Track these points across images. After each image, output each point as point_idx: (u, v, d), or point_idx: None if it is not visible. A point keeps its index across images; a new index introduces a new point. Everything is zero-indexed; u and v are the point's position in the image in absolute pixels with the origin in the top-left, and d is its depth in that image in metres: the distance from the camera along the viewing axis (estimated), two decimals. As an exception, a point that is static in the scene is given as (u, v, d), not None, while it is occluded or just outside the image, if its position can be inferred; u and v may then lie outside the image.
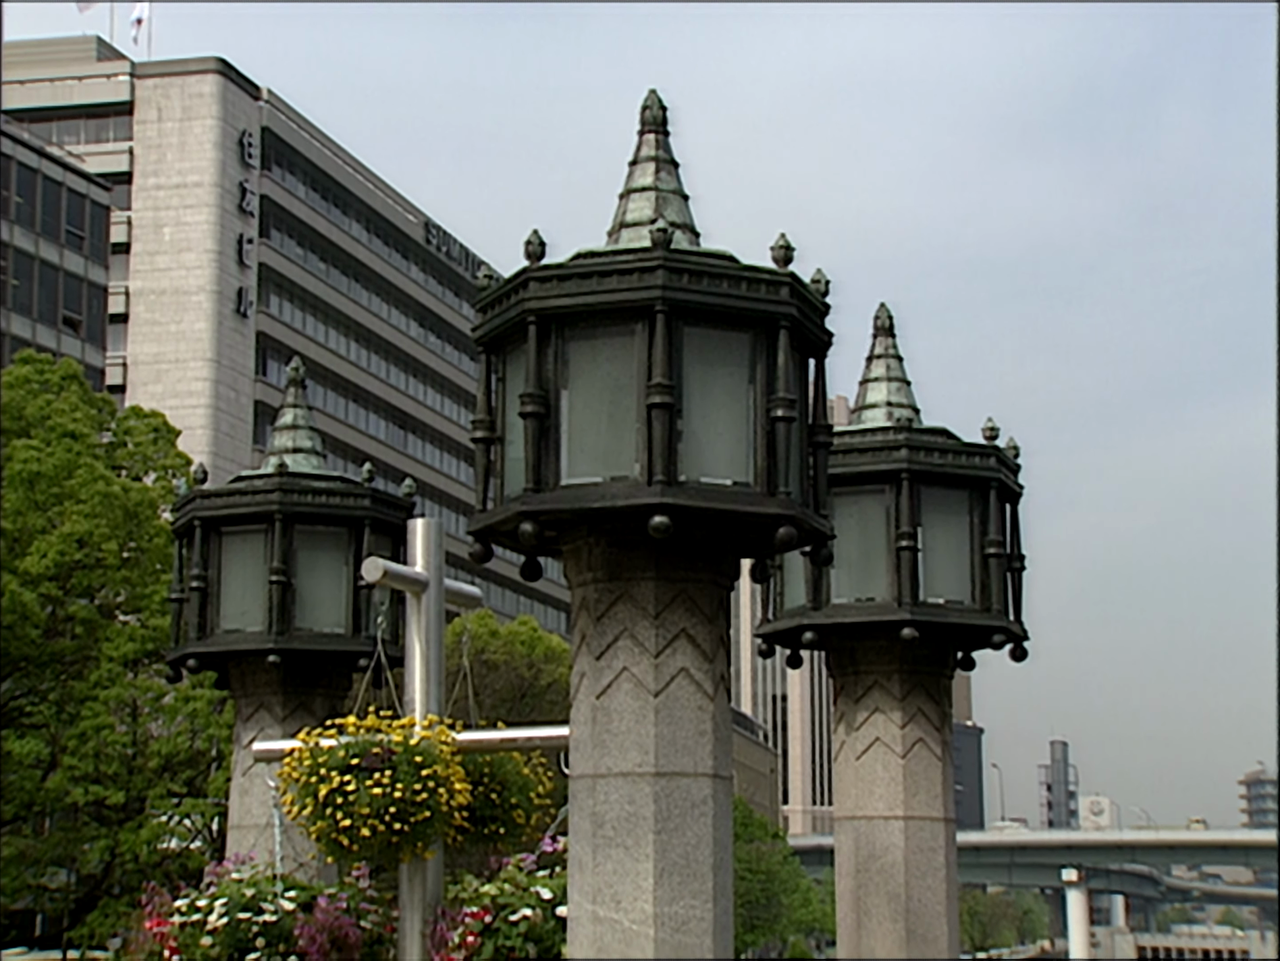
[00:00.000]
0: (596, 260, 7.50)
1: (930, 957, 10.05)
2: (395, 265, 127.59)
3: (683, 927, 7.46)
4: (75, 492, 42.98)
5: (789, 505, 7.46)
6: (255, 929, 9.59)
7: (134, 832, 44.36)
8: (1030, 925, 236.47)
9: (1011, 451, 10.31)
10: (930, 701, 10.26)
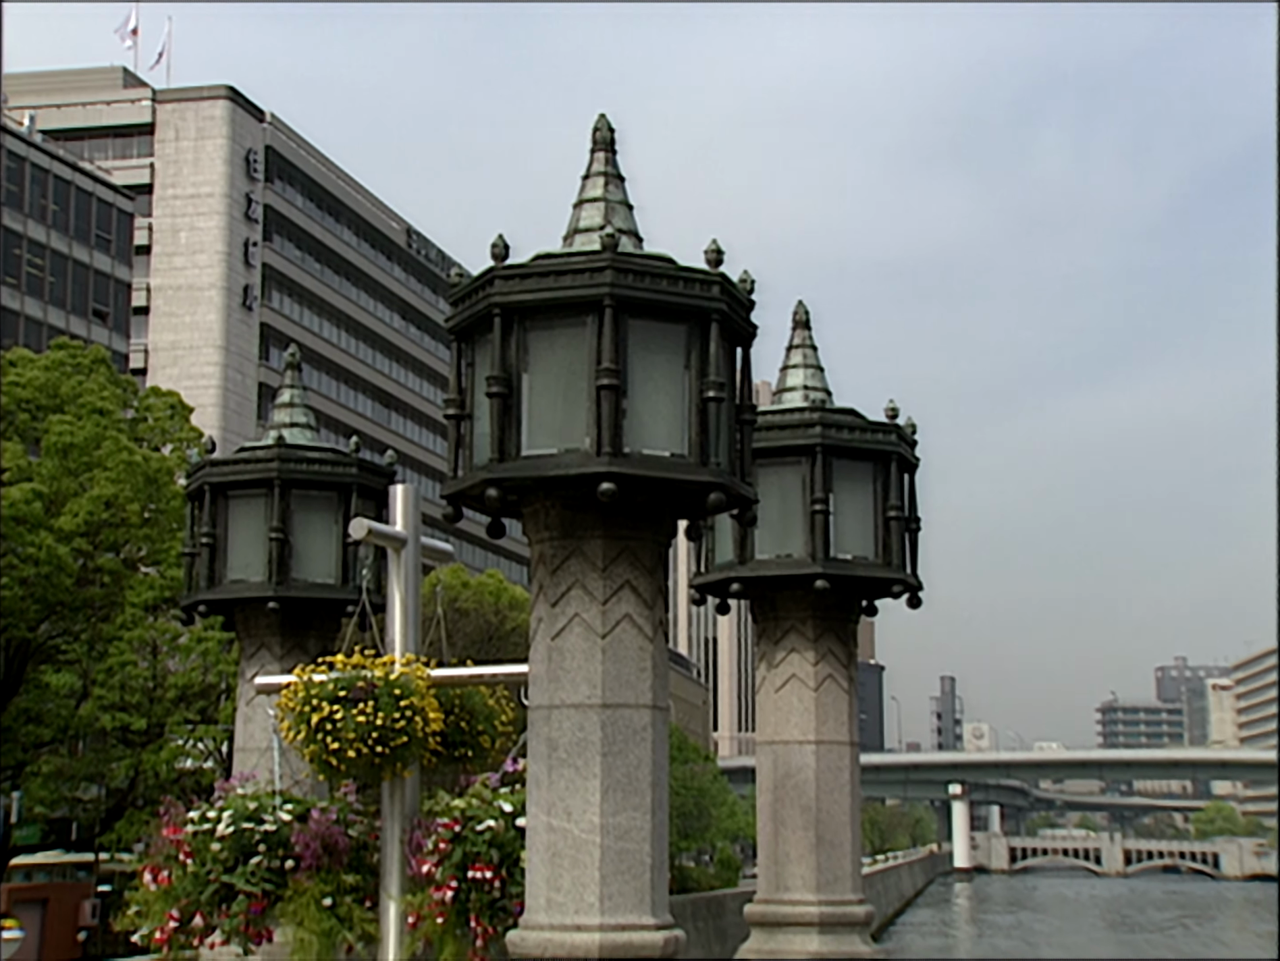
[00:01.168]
0: (553, 261, 7.49)
1: (836, 859, 10.06)
2: (380, 266, 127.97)
3: (625, 835, 7.49)
4: (103, 461, 42.86)
5: (719, 474, 7.49)
6: (257, 836, 9.53)
7: (154, 754, 44.47)
8: (921, 831, 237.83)
9: (909, 429, 10.30)
10: (839, 643, 10.26)
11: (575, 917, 7.42)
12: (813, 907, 9.95)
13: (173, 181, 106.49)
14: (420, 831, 9.13)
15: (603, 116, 8.21)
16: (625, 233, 7.72)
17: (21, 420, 44.35)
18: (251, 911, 9.49)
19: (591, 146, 8.14)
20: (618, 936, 7.38)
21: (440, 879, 8.84)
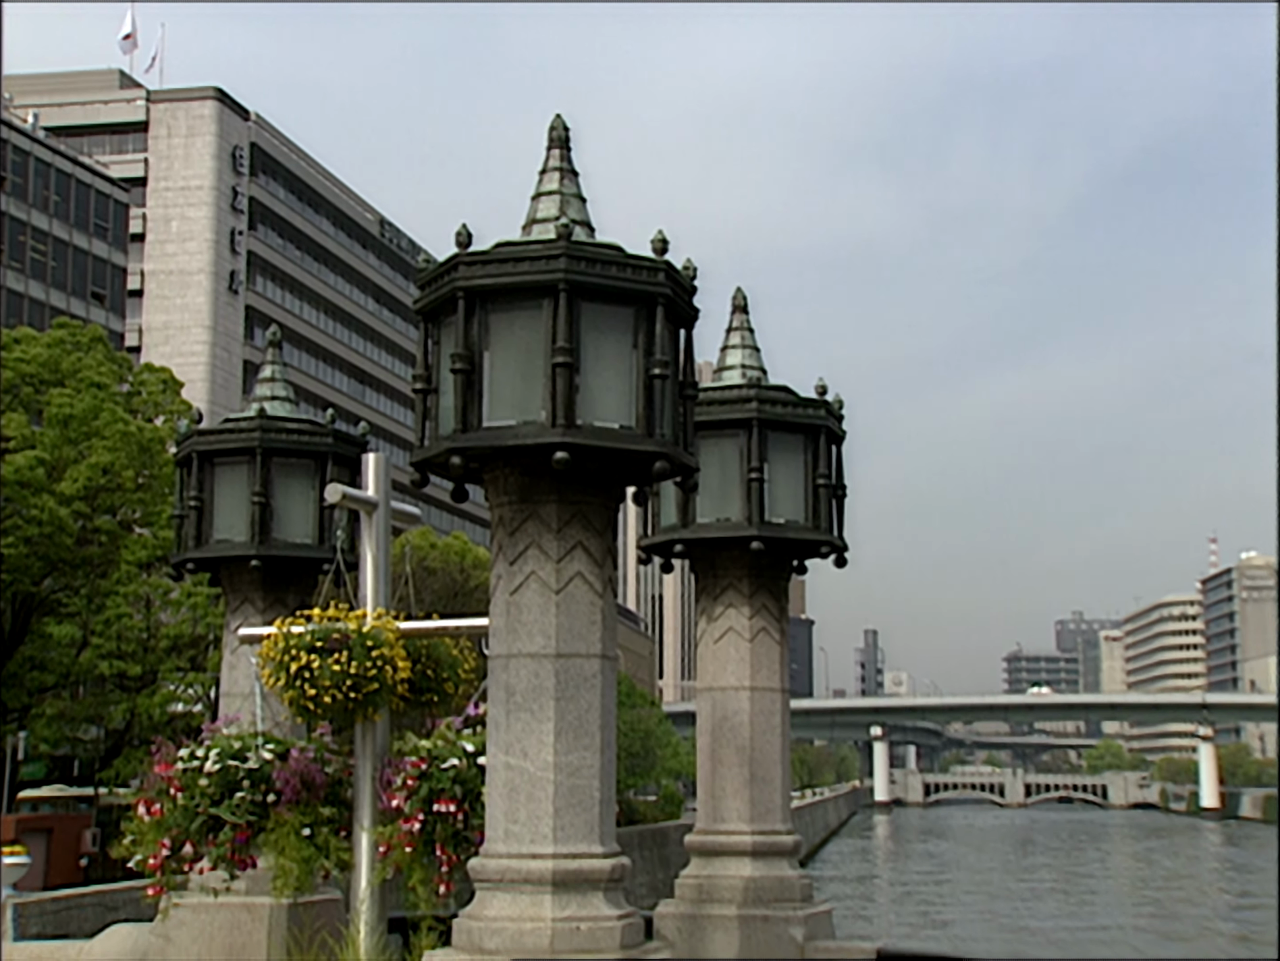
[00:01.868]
0: (512, 249, 7.47)
1: (767, 794, 10.08)
2: (356, 254, 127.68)
3: (576, 773, 7.49)
4: (100, 431, 42.88)
5: (663, 444, 7.47)
6: (241, 773, 9.53)
7: (148, 698, 44.60)
8: (846, 769, 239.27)
9: (837, 404, 10.29)
10: (772, 599, 10.26)
11: (531, 847, 7.43)
12: (746, 837, 9.98)
13: (165, 175, 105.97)
14: (390, 769, 9.11)
15: (558, 116, 8.17)
16: (578, 223, 7.70)
17: (25, 393, 44.33)
18: (237, 840, 9.50)
19: (548, 144, 8.10)
20: (569, 863, 7.40)
21: (408, 812, 8.84)
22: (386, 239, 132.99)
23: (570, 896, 7.38)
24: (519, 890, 7.39)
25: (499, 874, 7.46)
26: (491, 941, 7.33)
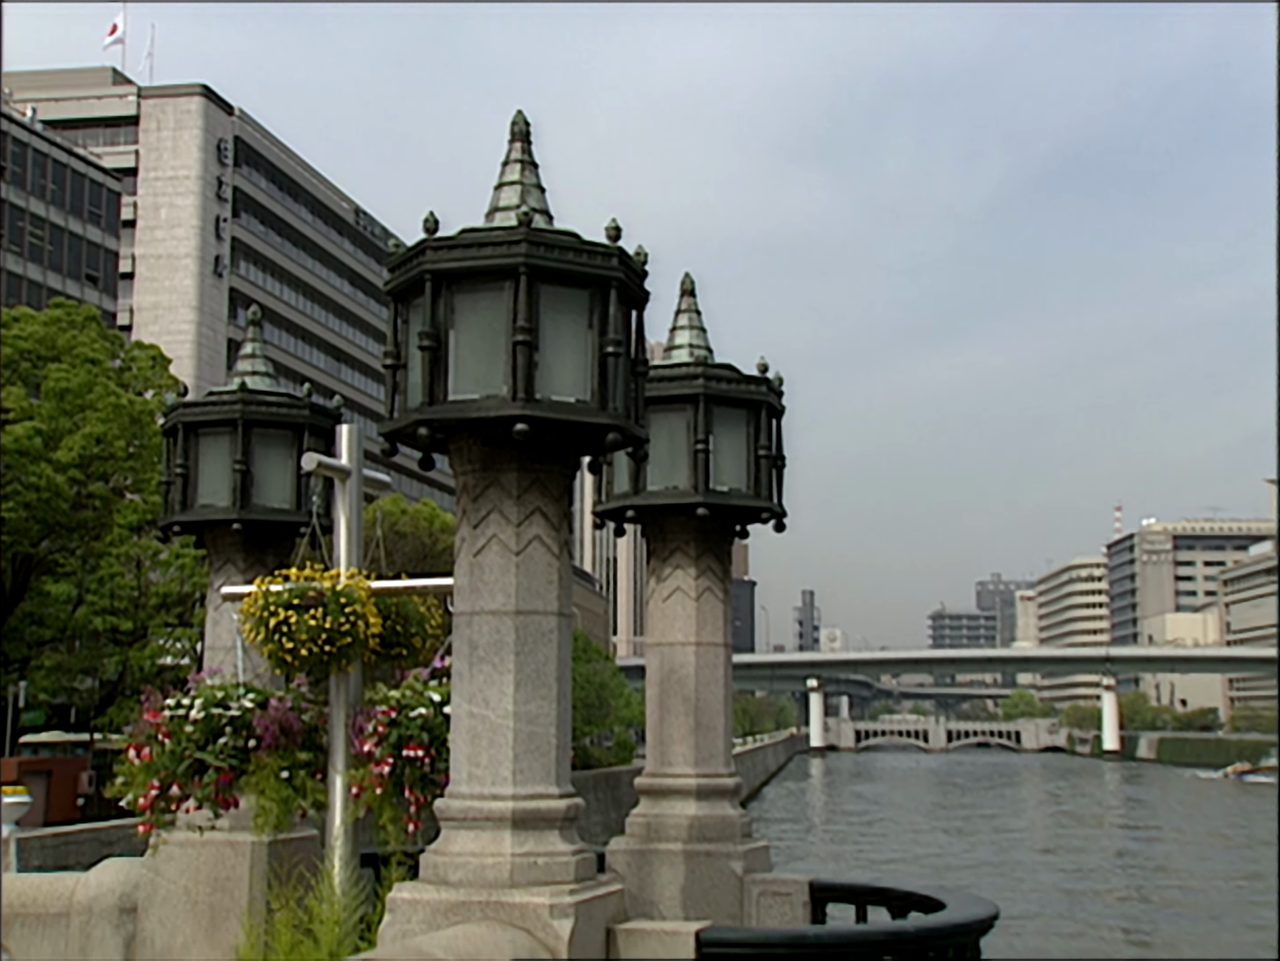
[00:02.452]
0: (476, 235, 7.41)
1: (711, 740, 10.07)
2: (332, 240, 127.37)
3: (534, 721, 7.48)
4: (94, 404, 42.80)
5: (616, 417, 7.45)
6: (224, 720, 9.48)
7: (139, 651, 44.71)
8: (784, 718, 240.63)
9: (777, 381, 10.25)
10: (716, 561, 10.24)
11: (492, 788, 7.43)
12: (691, 779, 9.97)
13: (154, 165, 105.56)
14: (362, 717, 9.08)
15: (519, 112, 8.12)
16: (538, 211, 7.66)
17: (24, 368, 44.22)
18: (220, 782, 9.47)
19: (509, 137, 8.05)
20: (527, 804, 7.40)
21: (379, 756, 8.82)
22: (361, 226, 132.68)
23: (528, 834, 7.39)
24: (481, 828, 7.40)
25: (463, 813, 7.45)
26: (455, 875, 7.34)
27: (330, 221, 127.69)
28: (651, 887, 9.73)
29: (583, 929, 7.27)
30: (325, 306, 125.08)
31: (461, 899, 7.24)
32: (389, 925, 7.33)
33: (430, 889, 7.37)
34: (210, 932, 10.22)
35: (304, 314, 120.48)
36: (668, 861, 9.78)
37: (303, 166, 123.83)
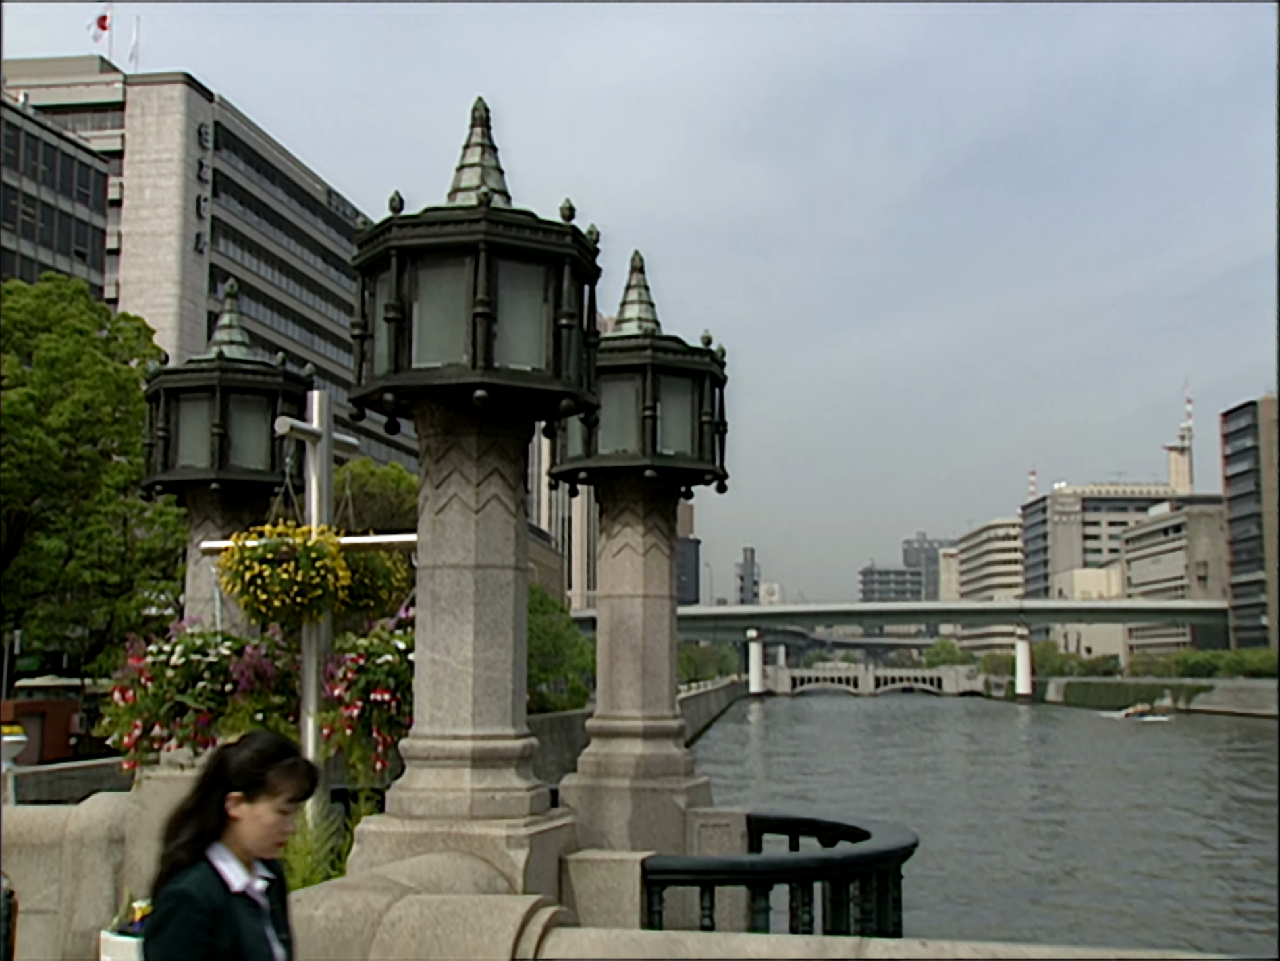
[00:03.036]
0: (439, 213, 7.34)
1: (657, 685, 10.07)
2: (306, 219, 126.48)
3: (492, 667, 7.46)
4: (82, 372, 42.51)
5: (569, 385, 7.40)
6: (203, 665, 9.45)
7: (126, 602, 44.62)
8: (726, 665, 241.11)
9: (720, 353, 10.20)
10: (662, 520, 10.21)
11: (453, 729, 7.41)
12: (638, 722, 9.97)
13: (139, 148, 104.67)
14: (332, 663, 9.03)
15: (480, 99, 8.06)
16: (497, 192, 7.59)
17: (17, 338, 43.94)
18: (199, 723, 9.44)
19: (470, 123, 7.98)
20: (485, 743, 7.39)
21: (348, 700, 8.78)
22: (333, 206, 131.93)
23: (486, 771, 7.38)
24: (443, 765, 7.39)
25: (426, 752, 7.44)
26: (419, 808, 7.34)
27: (304, 202, 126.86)
28: (601, 820, 9.73)
29: (536, 858, 7.28)
30: (299, 281, 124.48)
31: (424, 831, 7.24)
32: (357, 854, 7.34)
33: (396, 821, 7.36)
34: (192, 862, 10.17)
35: (279, 288, 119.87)
36: (616, 796, 9.78)
37: (278, 150, 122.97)
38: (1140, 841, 47.33)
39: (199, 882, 4.25)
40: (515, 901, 5.80)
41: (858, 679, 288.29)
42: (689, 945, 5.53)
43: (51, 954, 10.43)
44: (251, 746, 4.46)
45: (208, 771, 4.44)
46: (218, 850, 4.37)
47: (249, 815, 4.39)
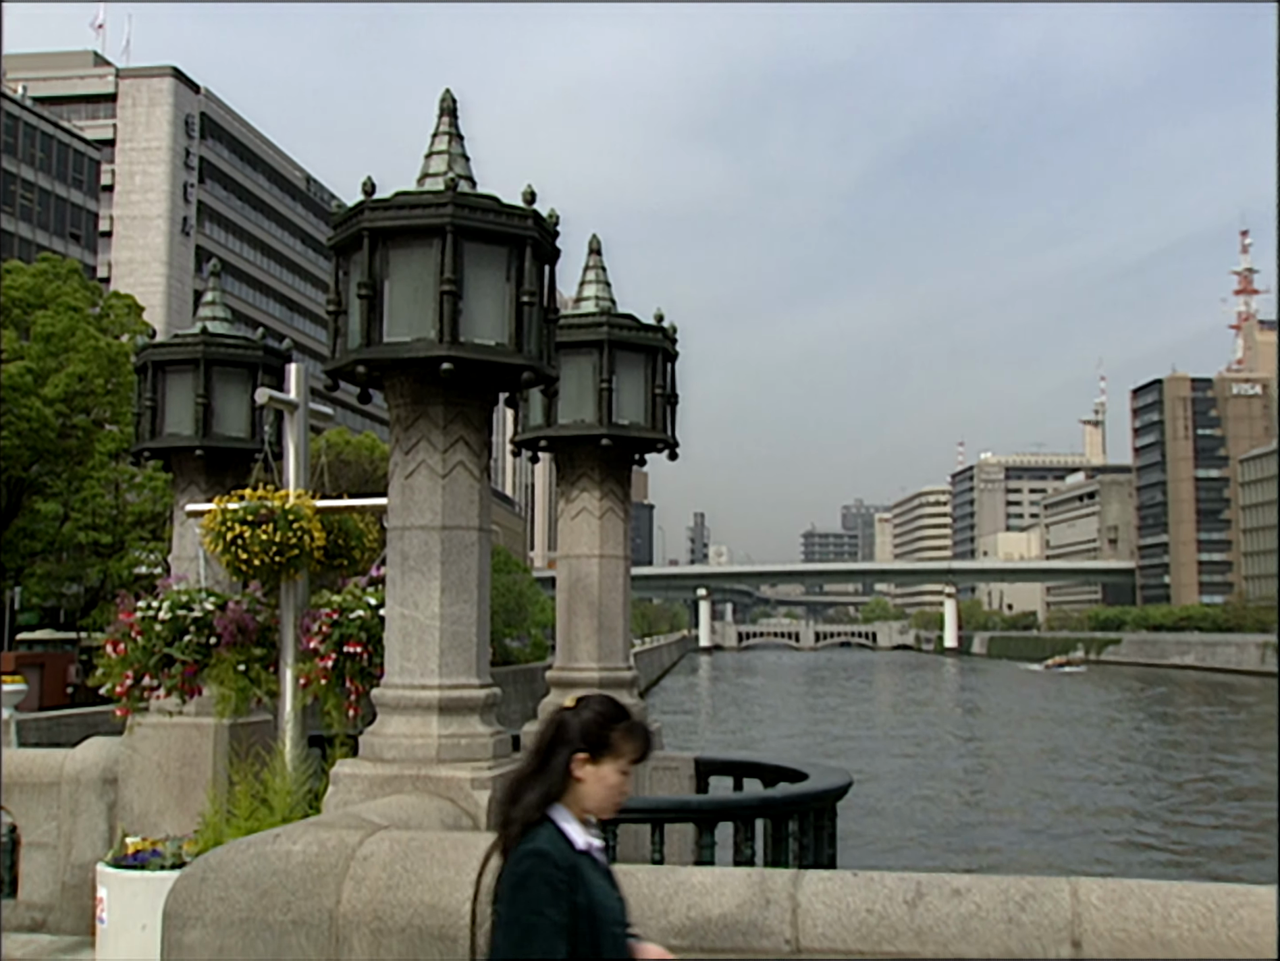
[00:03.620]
0: (409, 197, 7.24)
1: (612, 640, 10.06)
2: (286, 204, 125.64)
3: (457, 621, 7.40)
4: (76, 346, 42.39)
5: (530, 358, 7.32)
6: (189, 620, 9.36)
7: (118, 562, 44.53)
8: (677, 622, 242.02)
9: (671, 330, 10.16)
10: (618, 485, 10.18)
11: (421, 679, 7.36)
12: (594, 672, 9.97)
13: (130, 137, 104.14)
14: (309, 618, 8.97)
15: (448, 91, 7.94)
16: (463, 177, 7.49)
17: (15, 314, 43.67)
18: (185, 674, 9.36)
19: (439, 113, 7.86)
20: (451, 692, 7.34)
21: (324, 652, 8.72)
22: (312, 192, 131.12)
23: (452, 718, 7.34)
24: (412, 713, 7.34)
25: (396, 700, 7.39)
26: (390, 753, 7.29)
27: (284, 188, 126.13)
28: (559, 764, 9.70)
29: (499, 799, 7.25)
30: (279, 262, 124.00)
31: (395, 773, 7.20)
32: (332, 795, 7.30)
33: (368, 765, 7.32)
34: (180, 801, 10.24)
35: (261, 269, 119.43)
36: (574, 742, 9.76)
37: (261, 139, 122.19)
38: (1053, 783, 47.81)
39: (551, 841, 4.12)
40: (479, 837, 5.78)
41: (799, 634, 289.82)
42: (640, 877, 5.51)
43: (52, 884, 10.50)
44: (592, 708, 4.31)
45: (548, 734, 4.28)
46: (558, 811, 4.22)
47: (593, 776, 4.26)
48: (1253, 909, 5.03)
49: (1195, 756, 57.78)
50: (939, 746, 62.69)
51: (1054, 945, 5.04)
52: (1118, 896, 5.12)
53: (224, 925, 5.44)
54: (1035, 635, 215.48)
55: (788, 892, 5.29)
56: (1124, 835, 36.53)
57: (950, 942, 5.08)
